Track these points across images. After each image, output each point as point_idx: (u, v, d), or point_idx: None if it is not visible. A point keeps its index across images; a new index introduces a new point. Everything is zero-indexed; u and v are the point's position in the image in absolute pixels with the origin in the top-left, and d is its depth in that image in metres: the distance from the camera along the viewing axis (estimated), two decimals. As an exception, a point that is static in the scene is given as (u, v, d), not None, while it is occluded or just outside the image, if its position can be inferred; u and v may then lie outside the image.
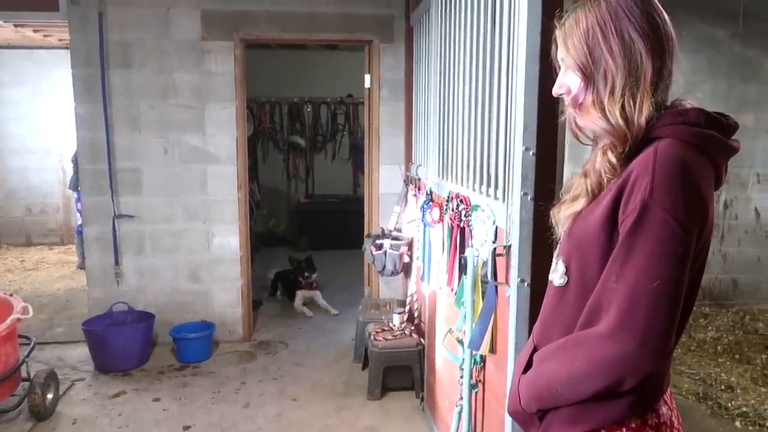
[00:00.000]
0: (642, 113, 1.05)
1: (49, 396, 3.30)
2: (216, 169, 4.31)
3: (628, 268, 0.98)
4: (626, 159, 1.08)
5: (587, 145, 1.23)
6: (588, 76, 1.10)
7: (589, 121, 1.12)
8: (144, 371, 3.93)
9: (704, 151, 1.04)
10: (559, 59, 1.18)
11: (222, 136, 4.28)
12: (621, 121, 1.06)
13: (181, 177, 4.28)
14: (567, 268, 1.14)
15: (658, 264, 0.96)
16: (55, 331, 4.60)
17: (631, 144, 1.06)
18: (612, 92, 1.07)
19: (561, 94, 1.19)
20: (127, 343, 3.92)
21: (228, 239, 4.38)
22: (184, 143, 4.25)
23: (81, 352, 4.11)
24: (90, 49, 4.06)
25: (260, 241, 7.54)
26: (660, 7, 1.10)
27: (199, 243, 4.36)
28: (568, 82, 1.16)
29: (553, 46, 1.20)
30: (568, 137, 1.34)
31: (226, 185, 4.33)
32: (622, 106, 1.06)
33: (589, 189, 1.11)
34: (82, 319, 4.11)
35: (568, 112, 1.19)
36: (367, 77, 4.47)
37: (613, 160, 1.08)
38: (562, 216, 1.17)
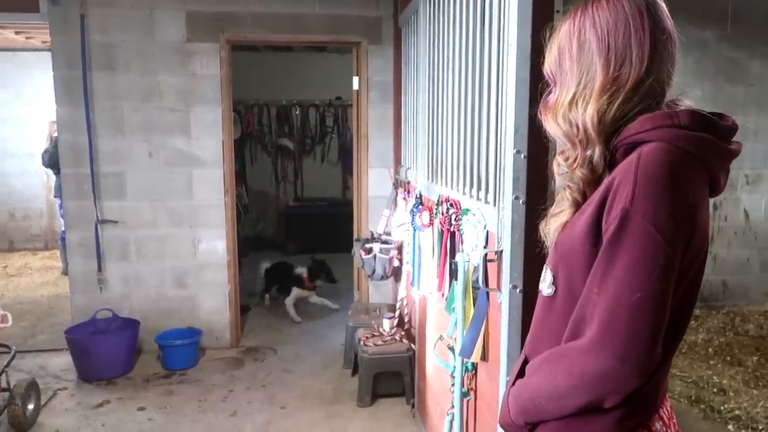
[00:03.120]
0: (585, 115, 1.04)
1: (30, 406, 3.22)
2: (202, 173, 4.23)
3: (609, 280, 0.94)
4: (610, 166, 1.05)
5: None
6: (555, 81, 1.12)
7: (546, 125, 1.13)
8: (129, 379, 3.85)
9: (696, 156, 0.98)
10: None
11: (208, 139, 4.21)
12: (566, 125, 1.07)
13: (166, 181, 4.20)
14: (554, 277, 1.11)
15: (639, 275, 0.92)
16: (37, 339, 4.50)
17: (589, 147, 1.05)
18: (567, 97, 1.08)
19: None
20: (111, 351, 3.84)
21: (215, 244, 4.31)
22: (170, 146, 4.18)
23: (64, 361, 4.02)
24: (71, 51, 3.98)
25: (248, 245, 7.46)
26: (660, 11, 1.04)
27: (185, 248, 4.28)
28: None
29: None
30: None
31: (212, 189, 4.26)
32: (568, 111, 1.07)
33: (572, 199, 1.09)
34: (66, 327, 4.02)
35: None
36: (356, 79, 4.43)
37: (561, 162, 1.10)
38: (551, 229, 1.15)
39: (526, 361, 1.18)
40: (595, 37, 1.05)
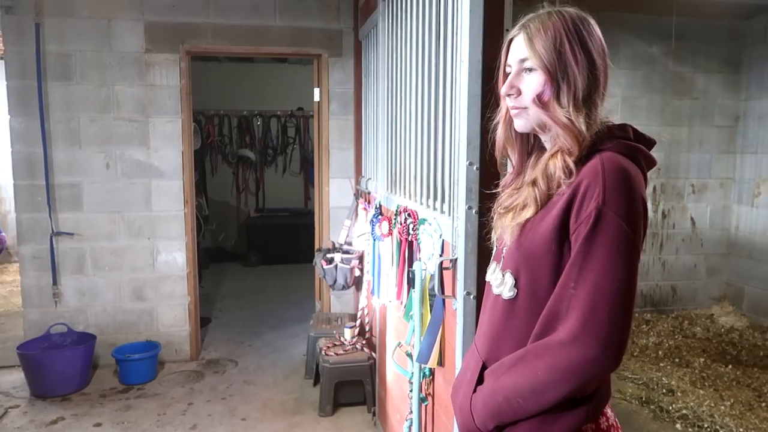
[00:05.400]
0: (594, 125, 1.11)
1: (-20, 425, 3.12)
2: (161, 184, 4.20)
3: (587, 273, 1.01)
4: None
5: (507, 156, 1.30)
6: (553, 78, 1.11)
7: (554, 117, 1.12)
8: (84, 395, 3.76)
9: (637, 162, 1.11)
10: (513, 60, 1.17)
11: (167, 149, 4.18)
12: (583, 127, 1.10)
13: (124, 192, 4.15)
14: (516, 280, 1.15)
15: (615, 267, 1.00)
16: (-13, 356, 4.35)
17: (583, 151, 1.09)
18: (575, 100, 1.11)
19: (510, 95, 1.18)
20: (66, 367, 3.75)
21: (174, 255, 4.27)
22: (128, 158, 4.13)
23: (16, 378, 3.91)
24: (26, 60, 3.91)
25: (209, 256, 7.39)
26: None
27: (144, 260, 4.22)
28: (519, 83, 1.16)
29: (504, 48, 1.21)
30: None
31: (171, 200, 4.22)
32: (585, 114, 1.11)
33: (538, 198, 1.12)
34: (17, 343, 3.91)
35: (514, 113, 1.19)
36: (317, 91, 4.47)
37: (570, 164, 1.09)
38: (508, 225, 1.16)
39: (484, 366, 1.20)
40: (594, 46, 1.13)
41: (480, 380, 1.19)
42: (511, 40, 1.18)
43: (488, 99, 1.71)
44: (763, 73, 5.20)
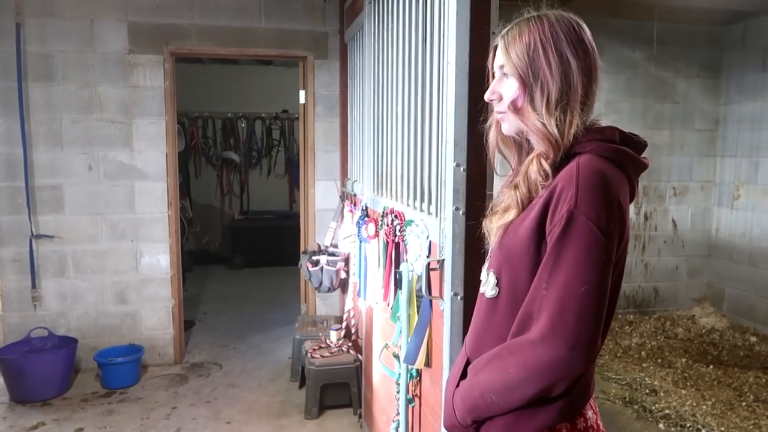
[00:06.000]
0: (571, 128, 1.11)
1: (-42, 432, 3.06)
2: (144, 186, 4.15)
3: (558, 275, 1.02)
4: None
5: (504, 158, 1.31)
6: (526, 84, 1.14)
7: (528, 122, 1.15)
8: (65, 400, 3.71)
9: (619, 166, 1.11)
10: (496, 66, 1.21)
11: (151, 151, 4.14)
12: (555, 131, 1.11)
13: (107, 194, 4.10)
14: (498, 279, 1.17)
15: (585, 270, 1.01)
16: (-35, 361, 4.26)
17: (560, 155, 1.11)
18: (548, 104, 1.12)
19: (492, 101, 1.22)
20: (47, 371, 3.69)
21: (157, 258, 4.22)
22: (110, 159, 4.08)
23: (-5, 383, 3.84)
24: (6, 61, 3.85)
25: (193, 259, 7.33)
26: (591, 36, 1.17)
27: (127, 263, 4.18)
28: (500, 89, 1.19)
29: (490, 54, 1.24)
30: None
31: (155, 202, 4.18)
32: (557, 119, 1.12)
33: (519, 200, 1.15)
34: (-3, 347, 3.85)
35: (499, 117, 1.23)
36: (302, 93, 4.46)
37: (546, 167, 1.11)
38: (493, 226, 1.20)
39: (467, 363, 1.22)
40: (570, 52, 1.13)
41: (464, 376, 1.22)
42: (495, 47, 1.22)
43: (478, 103, 1.72)
44: (742, 77, 5.30)
